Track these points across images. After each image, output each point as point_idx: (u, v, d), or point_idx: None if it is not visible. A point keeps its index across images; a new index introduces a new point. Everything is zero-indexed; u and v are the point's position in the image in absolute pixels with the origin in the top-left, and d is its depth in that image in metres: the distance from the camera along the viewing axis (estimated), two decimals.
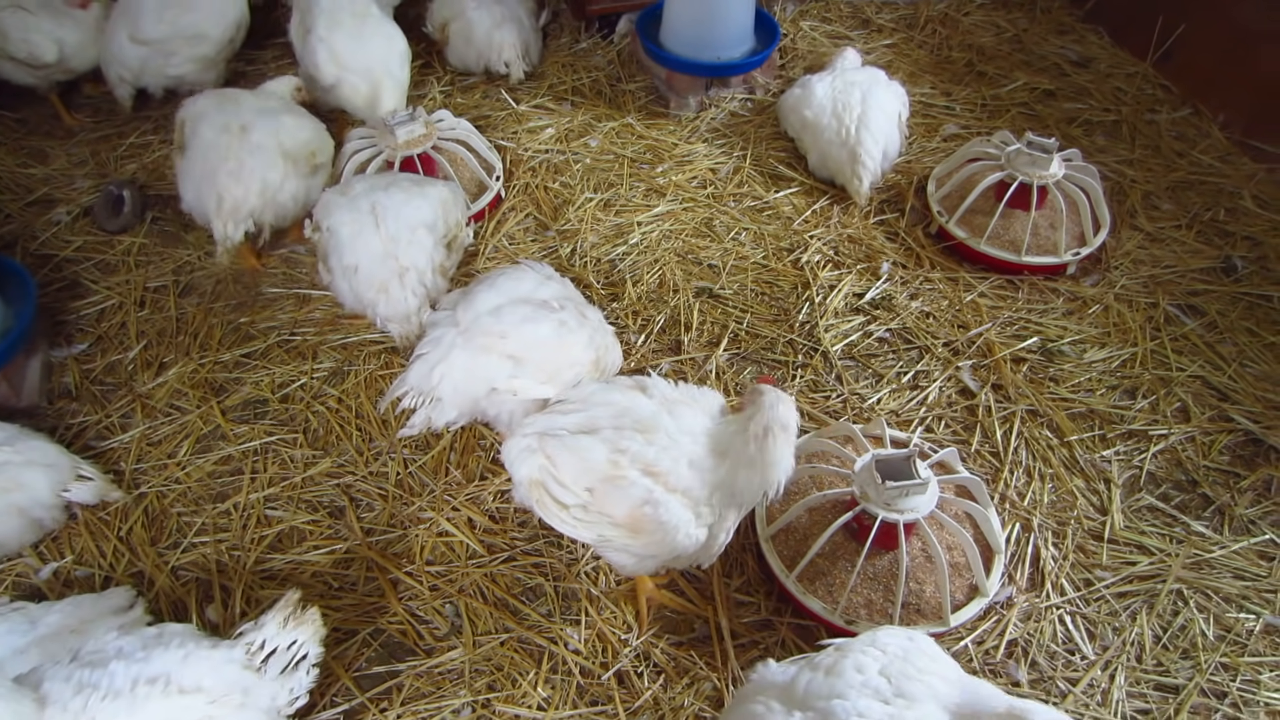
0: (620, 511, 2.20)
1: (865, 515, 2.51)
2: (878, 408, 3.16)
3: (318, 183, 3.51)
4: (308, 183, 3.46)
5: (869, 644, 1.82)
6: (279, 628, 2.18)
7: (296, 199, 3.44)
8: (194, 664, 1.99)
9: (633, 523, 2.20)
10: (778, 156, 4.15)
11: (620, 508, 2.20)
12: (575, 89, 4.55)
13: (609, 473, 2.19)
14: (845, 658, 1.79)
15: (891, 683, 1.72)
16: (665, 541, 2.21)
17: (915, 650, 1.80)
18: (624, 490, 2.19)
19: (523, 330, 2.57)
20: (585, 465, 2.23)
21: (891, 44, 4.88)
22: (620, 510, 2.20)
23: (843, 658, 1.80)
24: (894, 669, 1.74)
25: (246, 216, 3.30)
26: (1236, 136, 4.22)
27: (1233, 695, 2.50)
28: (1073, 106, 4.46)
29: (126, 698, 1.88)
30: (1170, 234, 3.80)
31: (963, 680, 1.76)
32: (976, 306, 3.51)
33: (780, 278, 3.62)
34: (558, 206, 3.89)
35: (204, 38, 4.03)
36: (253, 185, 3.27)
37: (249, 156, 3.28)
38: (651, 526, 2.18)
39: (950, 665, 1.80)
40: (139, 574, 2.73)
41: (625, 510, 2.20)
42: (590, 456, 2.21)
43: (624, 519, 2.21)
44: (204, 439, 3.09)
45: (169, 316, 3.46)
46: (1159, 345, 3.37)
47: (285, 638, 2.17)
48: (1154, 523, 2.88)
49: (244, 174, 3.27)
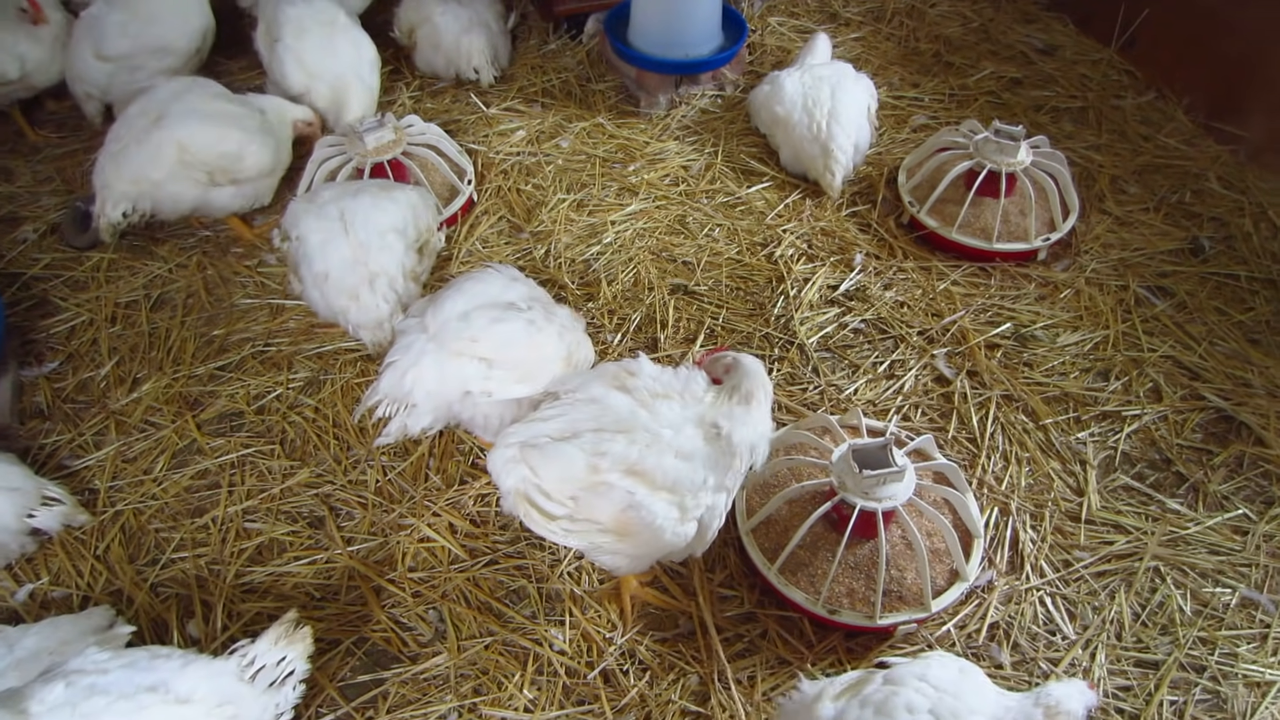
0: (605, 516, 2.20)
1: (844, 505, 2.52)
2: (854, 398, 3.18)
3: (230, 195, 3.54)
4: (207, 192, 3.48)
5: (920, 678, 1.87)
6: (271, 644, 2.19)
7: (186, 201, 3.49)
8: (191, 673, 2.01)
9: (619, 526, 2.20)
10: (749, 152, 4.16)
11: (605, 513, 2.20)
12: (545, 90, 4.54)
13: (590, 480, 2.18)
14: (896, 695, 1.83)
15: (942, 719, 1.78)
16: (654, 540, 2.21)
17: (966, 688, 1.86)
18: (606, 495, 2.18)
19: (492, 332, 2.56)
20: (567, 474, 2.21)
21: (859, 37, 4.90)
22: (605, 515, 2.20)
23: (893, 694, 1.83)
24: (944, 708, 1.80)
25: (120, 200, 3.39)
26: (1201, 119, 4.27)
27: (1211, 669, 2.53)
28: (1039, 94, 4.50)
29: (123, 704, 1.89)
30: (1138, 217, 3.84)
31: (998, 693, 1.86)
32: (950, 295, 3.53)
33: (755, 272, 3.63)
34: (531, 208, 3.89)
35: (169, 50, 4.00)
36: (125, 173, 3.36)
37: (135, 145, 3.36)
38: (638, 528, 2.18)
39: (991, 689, 1.88)
40: (118, 592, 2.71)
41: (610, 515, 2.19)
42: (571, 464, 2.19)
43: (610, 523, 2.21)
44: (180, 454, 3.06)
45: (141, 332, 3.43)
46: (1130, 327, 3.40)
47: (275, 654, 2.18)
48: (1130, 502, 2.91)
49: (122, 160, 3.36)
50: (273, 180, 3.68)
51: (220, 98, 3.55)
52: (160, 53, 3.98)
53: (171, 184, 3.41)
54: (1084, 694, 1.80)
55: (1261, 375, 3.23)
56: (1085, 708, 1.81)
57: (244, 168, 3.50)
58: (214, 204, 3.55)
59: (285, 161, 3.75)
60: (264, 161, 3.55)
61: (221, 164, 3.44)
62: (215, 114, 3.46)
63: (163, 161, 3.36)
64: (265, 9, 4.01)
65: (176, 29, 4.00)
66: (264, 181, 3.62)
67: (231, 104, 3.55)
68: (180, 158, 3.37)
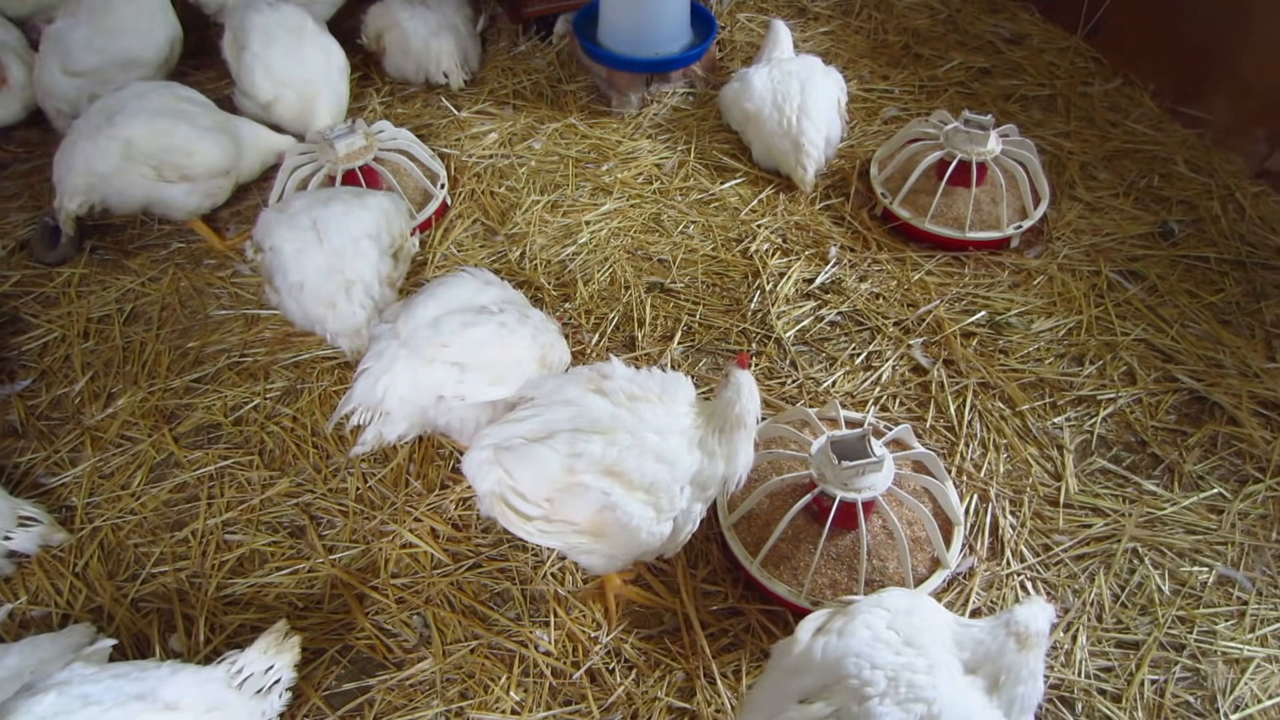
0: (580, 517, 2.20)
1: (824, 496, 2.53)
2: (833, 390, 3.19)
3: (183, 192, 3.54)
4: (156, 188, 3.48)
5: (875, 604, 1.97)
6: (261, 653, 2.20)
7: (135, 196, 3.51)
8: (179, 681, 2.03)
9: (595, 527, 2.20)
10: (721, 149, 4.17)
11: (580, 513, 2.19)
12: (516, 92, 4.54)
13: (565, 480, 2.18)
14: (855, 618, 1.94)
15: (900, 634, 1.87)
16: (630, 541, 2.21)
17: (918, 604, 1.96)
18: (581, 496, 2.18)
19: (464, 335, 2.56)
20: (541, 474, 2.21)
21: (829, 31, 4.92)
22: (580, 516, 2.20)
23: (852, 620, 1.94)
24: (900, 621, 1.90)
25: (74, 193, 3.43)
26: (1167, 104, 4.32)
27: (1191, 647, 2.56)
28: (1008, 83, 4.53)
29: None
30: (1108, 203, 3.88)
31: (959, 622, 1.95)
32: (924, 285, 3.55)
33: (730, 268, 3.64)
34: (505, 211, 3.89)
35: (137, 63, 3.96)
36: (76, 166, 3.40)
37: (85, 140, 3.40)
38: (614, 529, 2.18)
39: (948, 615, 1.98)
40: (98, 609, 2.69)
41: (585, 515, 2.19)
42: (546, 465, 2.19)
43: (585, 524, 2.21)
44: (157, 467, 3.04)
45: (115, 346, 3.40)
46: (1103, 312, 3.44)
47: (263, 663, 2.19)
48: (1107, 485, 2.94)
49: (74, 154, 3.42)
50: (227, 181, 3.66)
51: (184, 99, 3.54)
52: (129, 65, 3.94)
53: (118, 178, 3.43)
54: (1045, 610, 1.86)
55: (1232, 355, 3.27)
56: (1049, 623, 1.87)
57: (193, 164, 3.49)
58: (169, 201, 3.55)
59: (247, 171, 3.75)
60: (214, 159, 3.54)
61: (168, 158, 3.43)
62: (166, 110, 3.47)
63: (109, 156, 3.38)
64: (232, 16, 3.98)
65: (143, 40, 3.97)
66: (217, 181, 3.61)
67: (189, 104, 3.55)
68: (125, 152, 3.38)
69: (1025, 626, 1.81)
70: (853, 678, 1.83)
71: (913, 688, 1.78)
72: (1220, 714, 2.45)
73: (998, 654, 1.84)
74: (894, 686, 1.79)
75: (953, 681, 1.81)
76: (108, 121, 3.38)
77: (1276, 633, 2.60)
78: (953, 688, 1.80)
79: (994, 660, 1.83)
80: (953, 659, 1.86)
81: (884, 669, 1.81)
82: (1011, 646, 1.82)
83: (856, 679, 1.82)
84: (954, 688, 1.81)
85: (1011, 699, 1.81)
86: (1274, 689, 2.50)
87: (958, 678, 1.83)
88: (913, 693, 1.77)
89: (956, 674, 1.84)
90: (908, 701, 1.77)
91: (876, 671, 1.81)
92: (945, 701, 1.77)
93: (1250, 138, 3.97)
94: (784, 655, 2.03)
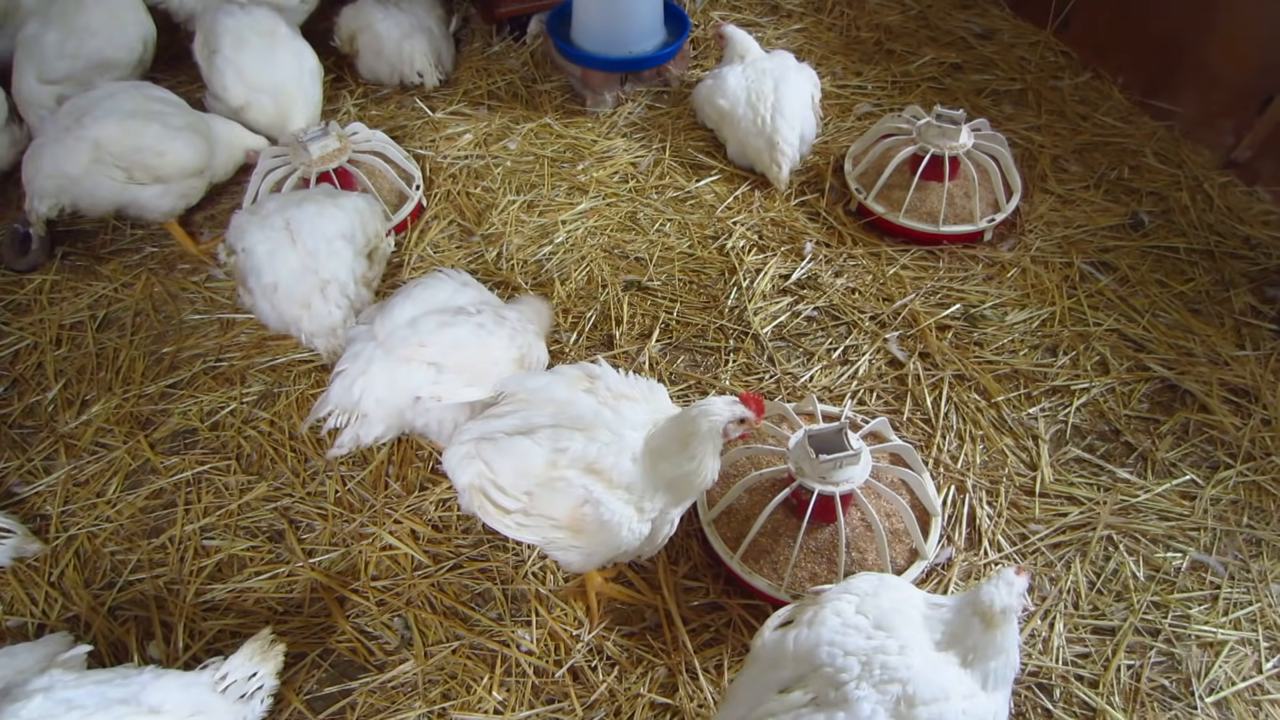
0: (560, 513, 2.20)
1: (802, 490, 2.55)
2: (810, 385, 3.21)
3: (157, 194, 3.51)
4: (127, 189, 3.45)
5: (844, 590, 2.01)
6: (246, 659, 2.21)
7: (105, 198, 3.48)
8: (162, 685, 2.05)
9: (574, 523, 2.20)
10: (696, 146, 4.18)
11: (560, 509, 2.20)
12: (491, 93, 4.53)
13: (546, 474, 2.19)
14: (824, 607, 1.97)
15: (870, 618, 1.90)
16: (609, 539, 2.21)
17: (885, 586, 2.00)
18: (562, 491, 2.18)
19: (441, 336, 2.56)
20: (523, 468, 2.21)
21: (801, 28, 4.94)
22: (560, 511, 2.20)
23: (822, 608, 1.97)
24: (869, 605, 1.93)
25: (44, 196, 3.41)
26: (1136, 97, 4.36)
27: (1165, 631, 2.60)
28: (980, 78, 4.57)
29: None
30: (1080, 195, 3.91)
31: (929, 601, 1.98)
32: (900, 279, 3.58)
33: (707, 265, 3.65)
34: (481, 211, 3.88)
35: (112, 64, 3.91)
36: (44, 168, 3.38)
37: (54, 142, 3.37)
38: (593, 527, 2.18)
39: (918, 594, 2.01)
40: (74, 618, 2.66)
41: (565, 511, 2.20)
42: (527, 459, 2.19)
43: (565, 520, 2.21)
44: (133, 474, 3.02)
45: (88, 353, 3.37)
46: (1076, 303, 3.47)
47: (247, 669, 2.20)
48: (1082, 473, 2.97)
49: (44, 156, 3.39)
50: (200, 181, 3.63)
51: (155, 99, 3.51)
52: (103, 67, 3.89)
53: (87, 180, 3.39)
54: (1013, 584, 1.87)
55: (1203, 344, 3.31)
56: (1020, 595, 1.88)
57: (165, 164, 3.46)
58: (143, 203, 3.51)
59: (220, 170, 3.72)
60: (186, 159, 3.51)
61: (138, 159, 3.40)
62: (137, 110, 3.43)
63: (78, 158, 3.35)
64: (203, 20, 3.95)
65: (114, 40, 3.92)
66: (190, 181, 3.58)
67: (160, 103, 3.52)
68: (94, 155, 3.35)
69: (990, 605, 1.83)
70: (827, 666, 1.85)
71: (887, 669, 1.81)
72: (1195, 697, 2.48)
73: (964, 632, 1.86)
74: (868, 670, 1.81)
75: (925, 660, 1.84)
76: (76, 123, 3.35)
77: (1249, 616, 2.64)
78: (926, 665, 1.83)
79: (961, 639, 1.86)
80: (924, 637, 1.88)
81: (857, 654, 1.84)
82: (977, 625, 1.84)
83: (831, 667, 1.84)
84: (927, 665, 1.83)
85: (985, 673, 1.84)
86: (1247, 671, 2.53)
87: (930, 655, 1.85)
88: (887, 674, 1.80)
89: (929, 652, 1.86)
90: (883, 683, 1.79)
91: (850, 658, 1.84)
92: (920, 680, 1.79)
93: (1217, 129, 4.02)
94: (755, 652, 2.06)
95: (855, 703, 1.78)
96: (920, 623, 1.91)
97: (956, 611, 1.90)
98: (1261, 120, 3.82)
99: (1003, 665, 1.85)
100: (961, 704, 1.79)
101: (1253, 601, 2.67)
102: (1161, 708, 2.47)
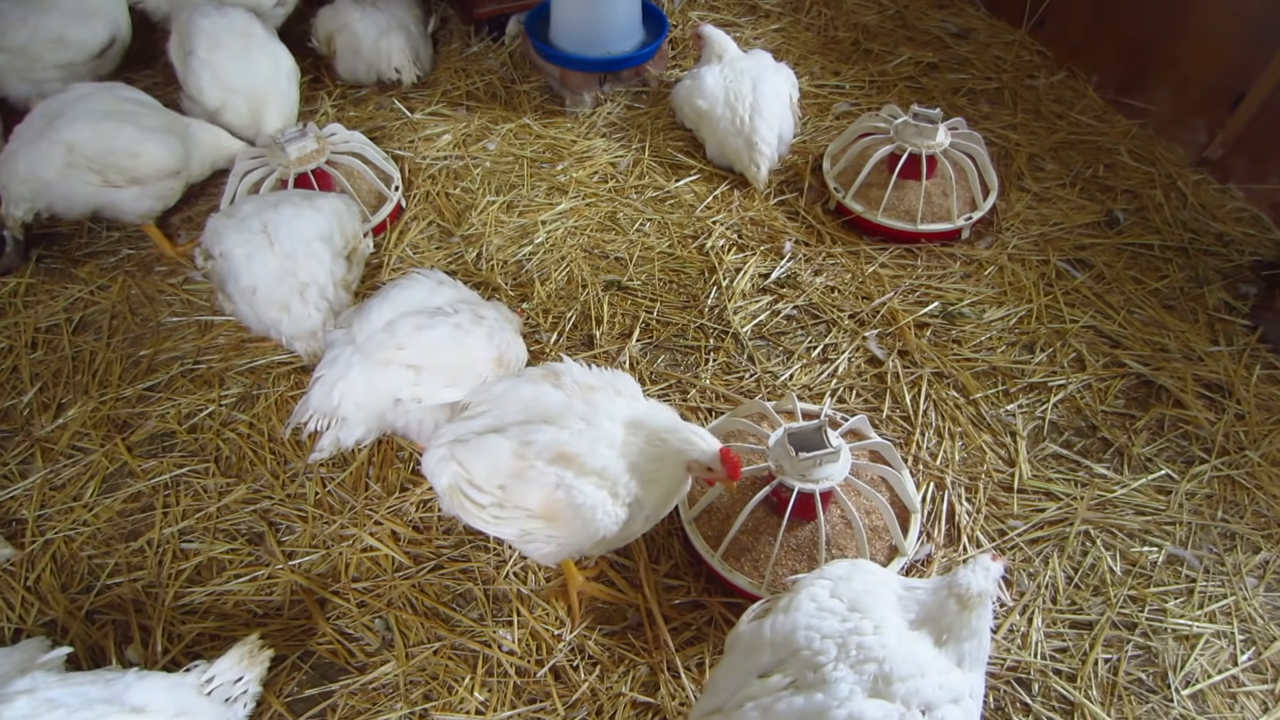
0: (534, 502, 2.20)
1: (783, 488, 2.56)
2: (790, 383, 3.22)
3: (133, 196, 3.47)
4: (102, 192, 3.42)
5: (818, 576, 2.03)
6: (234, 663, 2.21)
7: (80, 202, 3.44)
8: (146, 685, 2.05)
9: (548, 511, 2.20)
10: (676, 146, 4.19)
11: (533, 498, 2.20)
12: (469, 93, 4.52)
13: (516, 466, 2.19)
14: (799, 593, 1.98)
15: (844, 601, 1.92)
16: (585, 525, 2.20)
17: (858, 570, 2.02)
18: (533, 481, 2.18)
19: (418, 338, 2.55)
20: (494, 463, 2.22)
21: (780, 28, 4.96)
22: (533, 500, 2.20)
23: (797, 594, 1.99)
24: (843, 589, 1.95)
25: (19, 200, 3.39)
26: (1110, 95, 4.41)
27: (1142, 625, 2.62)
28: (956, 77, 4.60)
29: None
30: (1056, 193, 3.95)
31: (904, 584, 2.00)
32: (878, 277, 3.60)
33: (687, 265, 3.66)
34: (460, 212, 3.87)
35: (70, 44, 3.86)
36: (19, 173, 3.35)
37: (27, 146, 3.34)
38: (567, 513, 2.18)
39: (892, 576, 2.03)
40: (51, 623, 2.64)
41: (538, 500, 2.20)
42: (497, 455, 2.21)
43: (539, 509, 2.21)
44: (110, 478, 3.00)
45: (64, 356, 3.34)
46: (1052, 300, 3.50)
47: (235, 673, 2.20)
48: (1059, 469, 3.00)
49: (18, 160, 3.35)
50: (177, 182, 3.59)
51: (129, 100, 3.48)
52: (59, 44, 3.85)
53: (62, 184, 3.36)
54: (989, 570, 1.89)
55: (1177, 340, 3.35)
56: (995, 581, 1.90)
57: (140, 166, 3.42)
58: (120, 205, 3.48)
59: (197, 170, 3.69)
60: (162, 160, 3.46)
61: (112, 161, 3.36)
62: (111, 112, 3.39)
63: (52, 161, 3.31)
64: (178, 21, 3.91)
65: (75, 22, 3.87)
66: (167, 183, 3.54)
67: (134, 104, 3.48)
68: (68, 159, 3.31)
69: (966, 588, 1.85)
70: (805, 649, 1.87)
71: (863, 649, 1.82)
72: (1172, 690, 2.51)
73: (939, 614, 1.88)
74: (845, 651, 1.83)
75: (900, 638, 1.86)
76: (49, 126, 3.31)
77: (1224, 609, 2.67)
78: (901, 644, 1.85)
79: (936, 620, 1.87)
80: (899, 617, 1.90)
81: (833, 637, 1.85)
82: (953, 607, 1.86)
83: (809, 650, 1.86)
84: (902, 644, 1.85)
85: (960, 654, 1.86)
86: (1223, 664, 2.56)
87: (905, 634, 1.87)
88: (863, 654, 1.82)
89: (904, 630, 1.88)
90: (860, 663, 1.81)
91: (826, 641, 1.85)
92: (896, 658, 1.81)
93: (1190, 127, 4.06)
94: (733, 640, 2.08)
95: (833, 684, 1.80)
96: (895, 604, 1.93)
97: (932, 594, 1.91)
98: (1233, 118, 3.87)
99: (977, 648, 1.87)
100: (938, 679, 1.81)
101: (1228, 595, 2.70)
102: (1139, 701, 2.49)
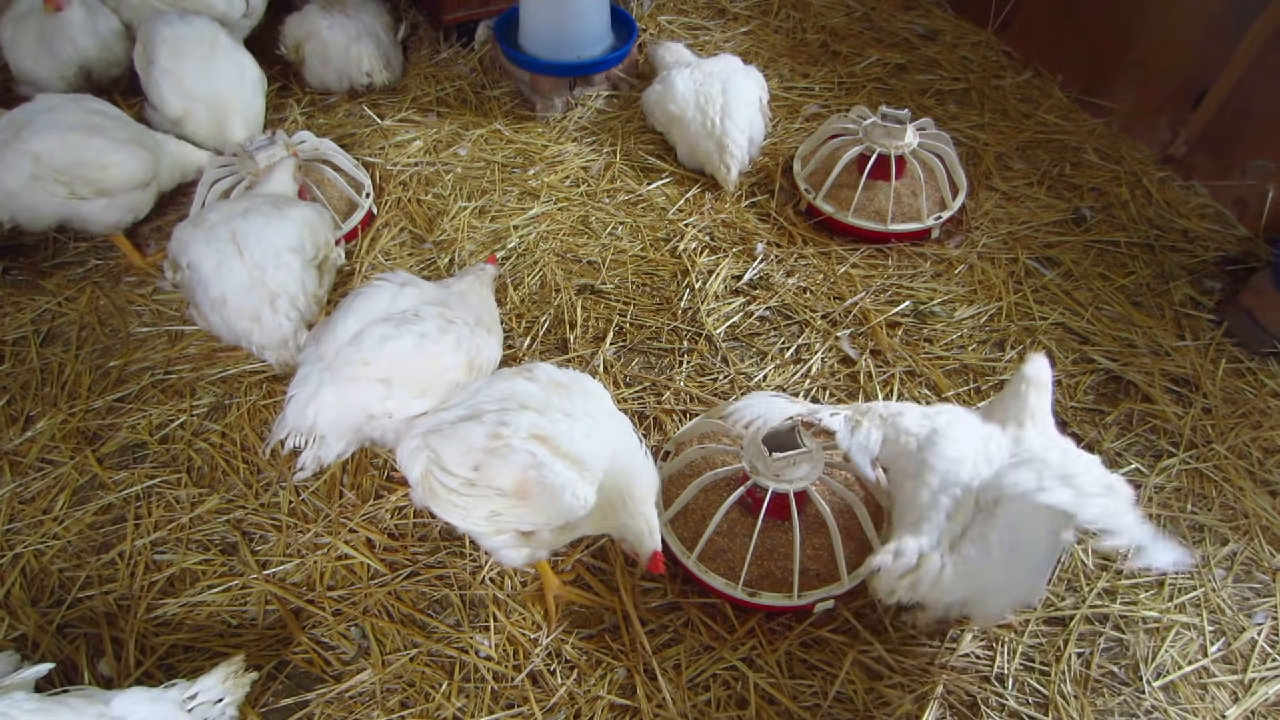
0: (506, 480, 2.19)
1: (757, 489, 2.57)
2: (764, 384, 3.23)
3: (101, 208, 3.44)
4: (68, 204, 3.38)
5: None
6: (218, 682, 2.20)
7: (46, 214, 3.40)
8: (128, 698, 2.05)
9: (519, 488, 2.19)
10: (647, 149, 4.20)
11: (505, 476, 2.19)
12: (440, 99, 4.52)
13: (490, 445, 2.20)
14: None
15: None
16: (554, 505, 2.19)
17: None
18: (507, 458, 2.18)
19: (384, 350, 2.52)
20: (466, 447, 2.23)
21: (748, 31, 4.99)
22: (506, 479, 2.19)
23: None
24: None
25: None
26: (1075, 95, 4.47)
27: (1114, 618, 2.65)
28: (924, 78, 4.64)
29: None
30: (1023, 191, 3.99)
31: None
32: (850, 277, 3.62)
33: (660, 268, 3.67)
34: (432, 218, 3.86)
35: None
36: None
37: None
38: (538, 489, 2.17)
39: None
40: (21, 638, 2.61)
41: (511, 477, 2.19)
42: (471, 438, 2.21)
43: (510, 486, 2.19)
44: (80, 490, 2.97)
45: (32, 368, 3.31)
46: (1022, 298, 3.54)
47: (217, 692, 2.19)
48: None
49: None
50: (147, 194, 3.56)
51: (96, 112, 3.45)
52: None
53: (28, 195, 3.31)
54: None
55: (1144, 335, 3.39)
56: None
57: (108, 178, 3.38)
58: (87, 217, 3.44)
59: (167, 180, 3.66)
60: (130, 172, 3.42)
61: (80, 173, 3.32)
62: (79, 124, 3.36)
63: (18, 172, 3.26)
64: (141, 29, 3.88)
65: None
66: (136, 194, 3.51)
67: (101, 116, 3.44)
68: (34, 170, 3.26)
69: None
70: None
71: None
72: (1144, 681, 2.54)
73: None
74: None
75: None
76: (15, 136, 3.27)
77: (1194, 600, 2.71)
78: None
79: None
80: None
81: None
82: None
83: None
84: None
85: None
86: (1193, 655, 2.60)
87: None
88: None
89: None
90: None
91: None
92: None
93: (1154, 125, 4.12)
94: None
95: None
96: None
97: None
98: (1196, 115, 3.92)
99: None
100: None
101: (1197, 586, 2.74)
102: (1111, 693, 2.52)
